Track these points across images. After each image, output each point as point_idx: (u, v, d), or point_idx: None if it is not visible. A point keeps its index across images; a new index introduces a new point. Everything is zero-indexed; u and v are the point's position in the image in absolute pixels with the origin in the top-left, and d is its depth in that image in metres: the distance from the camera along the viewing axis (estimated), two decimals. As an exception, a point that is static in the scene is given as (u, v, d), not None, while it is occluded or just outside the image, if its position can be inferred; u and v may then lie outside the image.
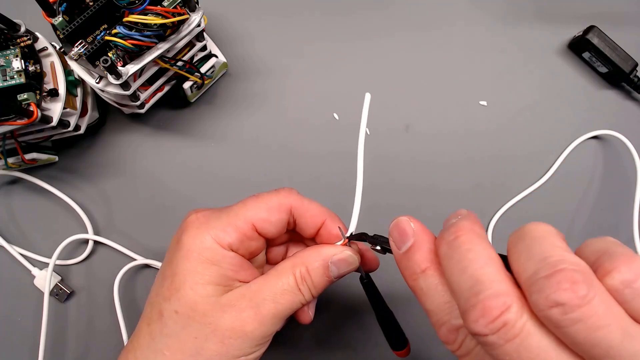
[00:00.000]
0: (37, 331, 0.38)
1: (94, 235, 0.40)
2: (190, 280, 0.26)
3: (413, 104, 0.43)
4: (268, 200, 0.28)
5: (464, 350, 0.20)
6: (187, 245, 0.27)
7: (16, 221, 0.41)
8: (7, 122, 0.31)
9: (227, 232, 0.27)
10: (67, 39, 0.32)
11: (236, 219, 0.27)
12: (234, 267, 0.27)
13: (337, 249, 0.28)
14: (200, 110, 0.43)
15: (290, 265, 0.28)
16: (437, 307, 0.21)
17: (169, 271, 0.27)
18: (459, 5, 0.45)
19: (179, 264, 0.27)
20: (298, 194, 0.29)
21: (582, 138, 0.42)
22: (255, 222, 0.28)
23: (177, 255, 0.27)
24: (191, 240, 0.27)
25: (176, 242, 0.28)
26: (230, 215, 0.28)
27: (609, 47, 0.42)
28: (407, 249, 0.22)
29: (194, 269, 0.26)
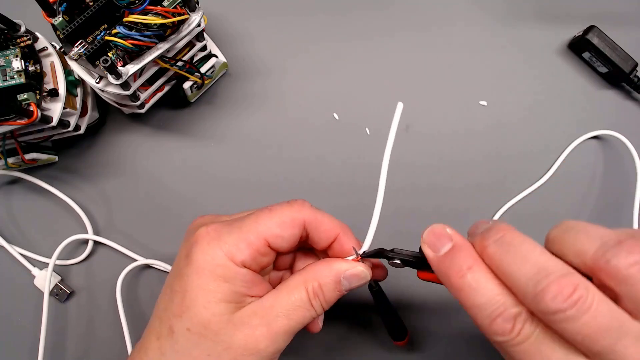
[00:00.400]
0: (37, 331, 0.38)
1: (94, 236, 0.40)
2: (202, 298, 0.26)
3: (413, 104, 0.43)
4: (281, 214, 0.27)
5: (522, 337, 0.21)
6: (199, 261, 0.26)
7: (16, 221, 0.41)
8: (7, 122, 0.31)
9: (240, 248, 0.26)
10: (67, 39, 0.32)
11: (249, 235, 0.27)
12: (247, 283, 0.27)
13: (350, 264, 0.28)
14: (200, 110, 0.43)
15: (302, 281, 0.27)
16: (490, 300, 0.22)
17: (178, 286, 0.27)
18: (459, 5, 0.45)
19: (190, 280, 0.26)
20: (311, 207, 0.29)
21: (582, 138, 0.42)
22: (268, 238, 0.27)
23: (188, 270, 0.26)
24: (203, 256, 0.26)
25: (185, 256, 0.27)
26: (243, 230, 0.27)
27: (609, 47, 0.42)
28: (447, 250, 0.23)
29: (206, 287, 0.26)
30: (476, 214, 0.41)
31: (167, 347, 0.26)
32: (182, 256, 0.28)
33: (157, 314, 0.28)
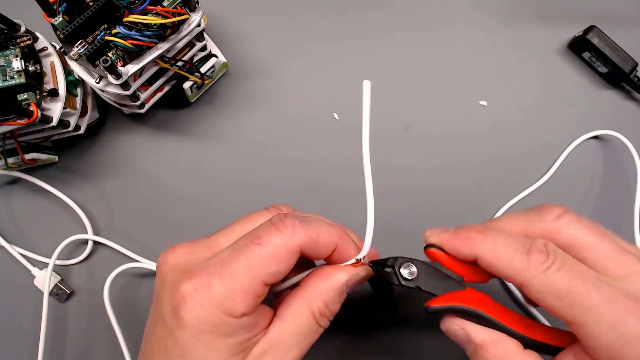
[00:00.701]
0: (36, 331, 0.38)
1: (94, 236, 0.40)
2: (208, 358, 0.24)
3: (413, 104, 0.43)
4: (273, 246, 0.24)
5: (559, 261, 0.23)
6: (193, 323, 0.23)
7: (16, 221, 0.41)
8: (7, 122, 0.31)
9: (237, 301, 0.23)
10: (67, 39, 0.32)
11: (243, 282, 0.23)
12: (250, 328, 0.24)
13: (351, 272, 0.26)
14: (200, 110, 0.43)
15: (306, 304, 0.25)
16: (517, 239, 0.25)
17: (175, 348, 0.24)
18: (459, 5, 0.45)
19: (188, 343, 0.23)
20: (301, 224, 0.25)
21: (582, 138, 0.42)
22: (263, 279, 0.24)
23: (183, 333, 0.24)
24: (196, 318, 0.23)
25: (173, 316, 0.24)
26: (235, 278, 0.23)
27: (609, 47, 0.42)
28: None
29: (209, 348, 0.24)
30: (476, 214, 0.41)
31: None
32: (168, 312, 0.24)
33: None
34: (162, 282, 0.26)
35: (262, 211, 0.28)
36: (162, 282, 0.26)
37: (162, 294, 0.25)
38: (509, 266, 0.24)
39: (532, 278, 0.23)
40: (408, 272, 0.27)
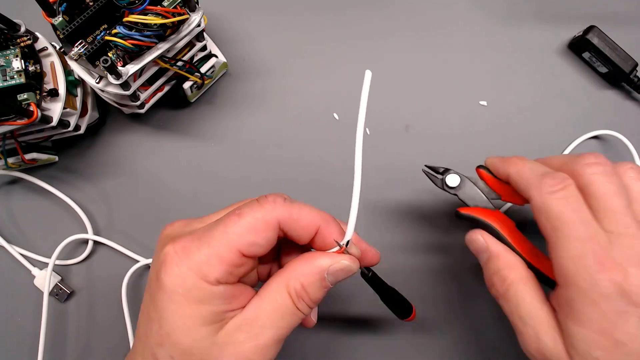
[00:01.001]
0: (37, 331, 0.38)
1: (94, 235, 0.40)
2: (181, 325, 0.24)
3: (413, 104, 0.43)
4: (251, 217, 0.25)
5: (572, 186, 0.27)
6: (170, 285, 0.24)
7: (16, 221, 0.41)
8: (7, 122, 0.31)
9: (211, 265, 0.24)
10: (67, 39, 0.32)
11: (219, 248, 0.24)
12: (225, 300, 0.24)
13: (333, 258, 0.26)
14: (200, 110, 0.43)
15: (283, 283, 0.25)
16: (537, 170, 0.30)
17: (154, 313, 0.24)
18: (459, 5, 0.45)
19: (164, 306, 0.24)
20: (284, 201, 0.26)
21: (582, 138, 0.42)
22: (240, 248, 0.24)
23: (160, 296, 0.24)
24: (173, 279, 0.24)
25: (156, 279, 0.25)
26: (212, 244, 0.24)
27: (609, 47, 0.42)
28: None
29: (183, 312, 0.24)
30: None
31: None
32: (153, 277, 0.25)
33: (139, 337, 0.26)
34: (157, 248, 0.27)
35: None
36: (157, 248, 0.27)
37: (153, 261, 0.26)
38: (527, 182, 0.28)
39: (537, 194, 0.27)
40: (452, 180, 0.34)
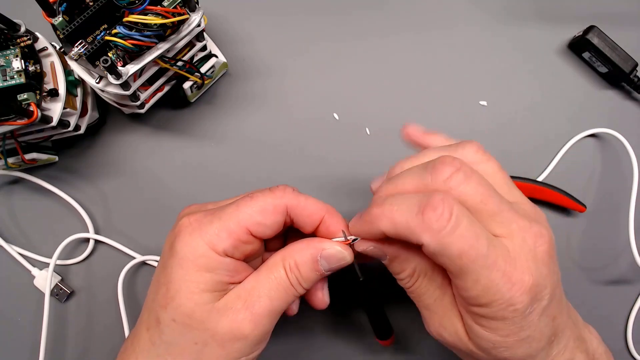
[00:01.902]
0: (37, 331, 0.38)
1: (95, 234, 0.40)
2: (185, 288, 0.26)
3: (413, 104, 0.43)
4: (262, 201, 0.27)
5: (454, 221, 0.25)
6: (181, 252, 0.26)
7: (16, 221, 0.41)
8: (7, 122, 0.31)
9: (220, 237, 0.26)
10: (67, 39, 0.32)
11: (229, 223, 0.27)
12: (230, 272, 0.27)
13: (328, 244, 0.28)
14: (200, 110, 0.43)
15: (280, 259, 0.28)
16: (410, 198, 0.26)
17: (163, 278, 0.27)
18: (459, 5, 0.45)
19: (173, 271, 0.26)
20: (293, 191, 0.29)
21: (579, 136, 0.42)
22: (249, 226, 0.27)
23: (171, 262, 0.27)
24: (185, 247, 0.26)
25: (169, 248, 0.27)
26: (223, 219, 0.27)
27: (609, 47, 0.42)
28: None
29: (189, 277, 0.26)
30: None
31: (156, 337, 0.27)
32: (167, 248, 0.28)
33: (146, 305, 0.28)
34: (172, 227, 0.29)
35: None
36: (172, 227, 0.29)
37: (168, 235, 0.29)
38: (407, 229, 0.25)
39: (428, 240, 0.24)
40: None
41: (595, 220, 0.42)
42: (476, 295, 0.25)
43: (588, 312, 0.41)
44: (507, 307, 0.24)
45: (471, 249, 0.24)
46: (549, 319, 0.26)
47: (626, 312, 0.41)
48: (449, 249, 0.24)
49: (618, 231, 0.42)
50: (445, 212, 0.23)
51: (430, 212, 0.24)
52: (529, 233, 0.26)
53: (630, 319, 0.41)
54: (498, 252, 0.24)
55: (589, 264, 0.42)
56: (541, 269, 0.25)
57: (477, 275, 0.24)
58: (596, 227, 0.42)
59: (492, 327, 0.25)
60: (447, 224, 0.23)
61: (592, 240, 0.42)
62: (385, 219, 0.26)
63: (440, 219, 0.23)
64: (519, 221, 0.26)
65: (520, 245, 0.25)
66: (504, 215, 0.26)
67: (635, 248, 0.39)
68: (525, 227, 0.26)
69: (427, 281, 0.28)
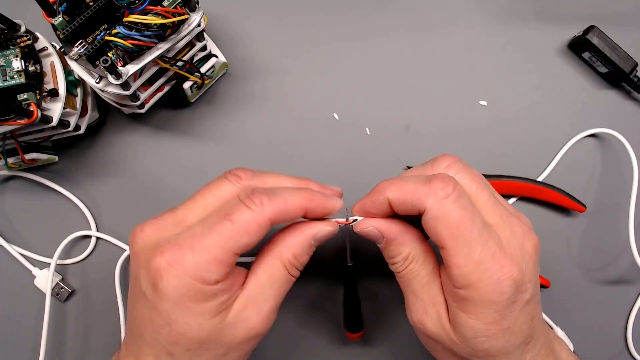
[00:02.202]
0: (37, 331, 0.38)
1: (97, 232, 0.40)
2: (193, 323, 0.25)
3: (413, 104, 0.43)
4: (245, 222, 0.25)
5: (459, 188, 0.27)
6: (173, 295, 0.25)
7: (16, 221, 0.41)
8: (7, 122, 0.31)
9: (211, 270, 0.25)
10: (67, 39, 0.32)
11: (216, 253, 0.25)
12: (227, 291, 0.26)
13: (318, 227, 0.29)
14: (200, 110, 0.43)
15: (277, 256, 0.28)
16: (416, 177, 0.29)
17: (159, 319, 0.25)
18: (459, 5, 0.45)
19: (171, 312, 0.25)
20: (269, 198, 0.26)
21: (579, 136, 0.42)
22: (236, 250, 0.26)
23: (164, 305, 0.25)
24: (175, 290, 0.25)
25: (153, 290, 0.25)
26: (209, 250, 0.25)
27: (609, 47, 0.42)
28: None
29: (192, 313, 0.25)
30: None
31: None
32: (147, 287, 0.26)
33: (144, 340, 0.27)
34: (137, 261, 0.27)
35: (221, 180, 0.29)
36: (137, 261, 0.27)
37: (139, 273, 0.26)
38: (414, 195, 0.26)
39: (432, 203, 0.26)
40: None
41: (595, 220, 0.42)
42: (467, 273, 0.25)
43: (588, 312, 0.41)
44: (494, 289, 0.25)
45: (469, 220, 0.25)
46: (528, 316, 0.27)
47: (626, 312, 0.41)
48: (450, 216, 0.25)
49: (618, 231, 0.42)
50: (450, 183, 0.26)
51: (437, 181, 0.26)
52: (519, 227, 0.27)
53: (630, 319, 0.41)
54: (491, 235, 0.26)
55: (589, 264, 0.42)
56: (528, 262, 0.27)
57: (470, 249, 0.25)
58: (596, 227, 0.42)
59: (477, 313, 0.26)
60: (452, 193, 0.26)
61: (592, 240, 0.42)
62: (393, 187, 0.27)
63: (446, 187, 0.26)
64: (510, 217, 0.28)
65: (509, 236, 0.27)
66: (495, 206, 0.28)
67: (635, 248, 0.39)
68: (515, 222, 0.28)
69: (419, 266, 0.29)
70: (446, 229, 0.26)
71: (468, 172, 0.28)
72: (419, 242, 0.29)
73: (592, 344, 0.41)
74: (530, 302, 0.27)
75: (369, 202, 0.29)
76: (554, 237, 0.42)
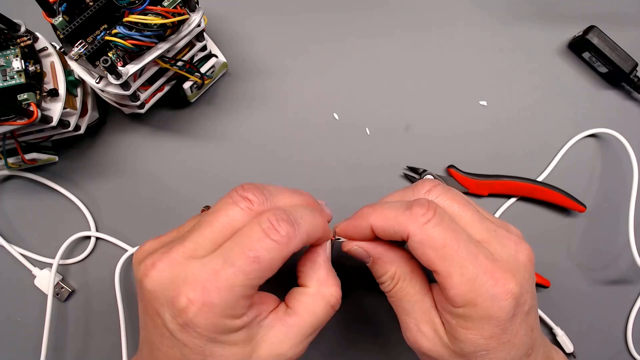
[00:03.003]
0: (38, 331, 0.38)
1: (97, 232, 0.40)
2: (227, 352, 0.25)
3: (413, 104, 0.43)
4: (270, 259, 0.25)
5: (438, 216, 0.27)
6: (205, 332, 0.24)
7: (16, 221, 0.41)
8: (7, 122, 0.31)
9: (237, 308, 0.25)
10: (67, 39, 0.32)
11: (242, 291, 0.24)
12: (254, 319, 0.26)
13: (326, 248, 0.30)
14: (200, 110, 0.43)
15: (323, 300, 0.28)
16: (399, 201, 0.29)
17: (194, 356, 0.25)
18: (459, 5, 0.45)
19: (205, 348, 0.25)
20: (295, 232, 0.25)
21: (579, 136, 0.42)
22: (259, 283, 0.25)
23: (196, 341, 0.25)
24: (207, 328, 0.24)
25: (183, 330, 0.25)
26: (235, 289, 0.24)
27: (609, 47, 0.42)
28: None
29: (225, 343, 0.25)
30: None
31: None
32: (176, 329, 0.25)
33: None
34: (155, 299, 0.25)
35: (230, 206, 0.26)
36: (155, 299, 0.25)
37: (162, 312, 0.25)
38: (396, 222, 0.27)
39: (415, 229, 0.26)
40: None
41: (595, 220, 0.42)
42: (463, 291, 0.25)
43: (588, 312, 0.41)
44: (492, 304, 0.25)
45: (454, 240, 0.26)
46: (528, 328, 0.27)
47: (626, 312, 0.41)
48: (434, 239, 0.26)
49: (618, 231, 0.42)
50: (430, 208, 0.26)
51: (417, 207, 0.26)
52: (509, 240, 0.27)
53: (630, 319, 0.41)
54: (480, 250, 0.26)
55: (589, 264, 0.42)
56: (523, 272, 0.27)
57: (461, 268, 0.25)
58: (596, 227, 0.42)
59: (477, 328, 0.26)
60: (433, 217, 0.26)
61: (592, 240, 0.42)
62: (375, 214, 0.28)
63: (427, 213, 0.26)
64: (498, 230, 0.28)
65: (501, 250, 0.27)
66: (481, 223, 0.27)
67: (635, 248, 0.39)
68: (505, 235, 0.27)
69: (407, 284, 0.29)
70: (433, 252, 0.26)
71: (449, 194, 0.28)
72: (404, 261, 0.29)
73: (592, 344, 0.41)
74: (530, 313, 0.27)
75: (351, 227, 0.30)
76: (554, 237, 0.42)
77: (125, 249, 0.40)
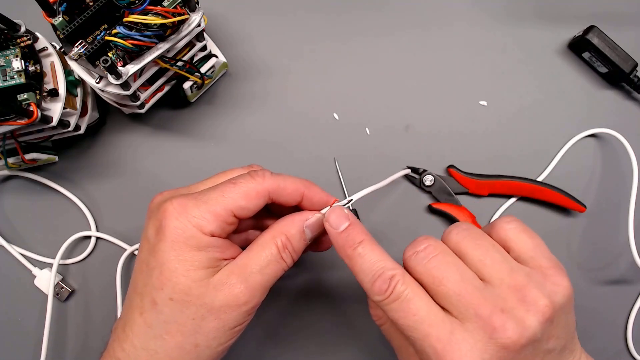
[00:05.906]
0: (38, 331, 0.38)
1: (97, 232, 0.40)
2: (181, 267, 0.27)
3: (413, 104, 0.43)
4: (245, 187, 0.29)
5: (395, 295, 0.26)
6: (171, 235, 0.28)
7: (16, 221, 0.41)
8: (7, 122, 0.31)
9: (207, 220, 0.28)
10: (67, 39, 0.32)
11: (215, 207, 0.28)
12: (219, 249, 0.28)
13: (309, 214, 0.31)
14: (200, 110, 0.43)
15: (270, 237, 0.30)
16: (372, 265, 0.27)
17: (154, 262, 0.28)
18: (458, 5, 0.45)
19: (165, 254, 0.28)
20: (271, 175, 0.30)
21: (578, 136, 0.42)
22: (233, 210, 0.28)
23: (162, 245, 0.28)
24: (174, 230, 0.28)
25: (156, 232, 0.28)
26: (210, 203, 0.28)
27: (609, 47, 0.42)
28: (345, 228, 0.29)
29: (183, 257, 0.27)
30: (475, 213, 0.41)
31: (153, 318, 0.28)
32: (152, 233, 0.29)
33: (136, 291, 0.29)
34: (149, 213, 0.30)
35: (238, 168, 0.33)
36: (149, 213, 0.30)
37: (148, 222, 0.29)
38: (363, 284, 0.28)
39: (376, 302, 0.27)
40: (428, 180, 0.41)
41: (595, 220, 0.42)
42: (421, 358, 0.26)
43: (588, 312, 0.41)
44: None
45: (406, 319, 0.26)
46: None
47: (626, 312, 0.41)
48: (391, 315, 0.27)
49: (618, 231, 0.42)
50: (389, 288, 0.26)
51: (379, 283, 0.27)
52: (486, 322, 0.25)
53: (630, 319, 0.41)
54: (441, 327, 0.26)
55: (589, 264, 0.42)
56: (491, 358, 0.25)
57: (417, 341, 0.26)
58: (596, 227, 0.42)
59: None
60: (388, 297, 0.26)
61: (592, 240, 0.42)
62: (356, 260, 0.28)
63: (384, 293, 0.26)
64: (480, 308, 0.25)
65: (471, 330, 0.25)
66: (461, 298, 0.26)
67: (635, 248, 0.39)
68: (484, 316, 0.25)
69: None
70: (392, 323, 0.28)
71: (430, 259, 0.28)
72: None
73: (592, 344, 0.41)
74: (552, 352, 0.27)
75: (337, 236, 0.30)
76: (554, 237, 0.42)
77: (125, 248, 0.40)
